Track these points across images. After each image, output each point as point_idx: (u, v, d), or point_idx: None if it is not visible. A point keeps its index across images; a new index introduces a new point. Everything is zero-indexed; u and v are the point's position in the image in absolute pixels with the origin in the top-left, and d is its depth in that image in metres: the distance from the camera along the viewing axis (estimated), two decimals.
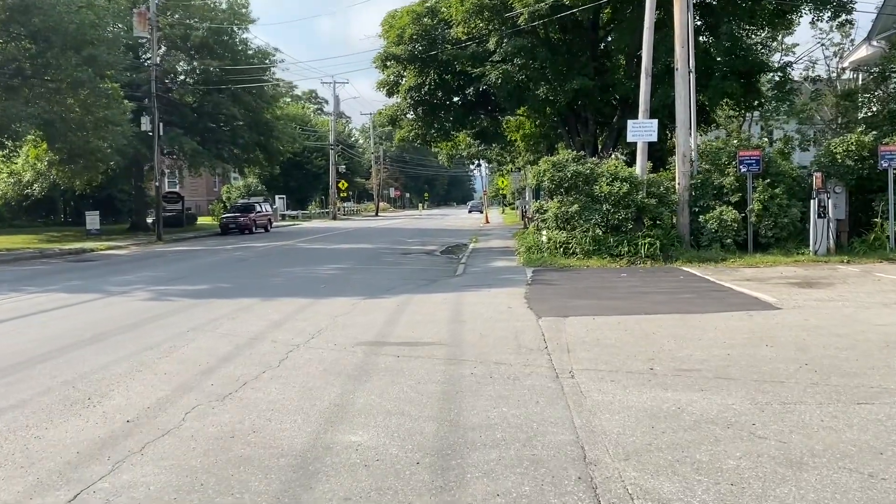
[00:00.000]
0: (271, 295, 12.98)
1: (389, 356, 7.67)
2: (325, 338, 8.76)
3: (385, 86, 24.98)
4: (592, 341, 8.13)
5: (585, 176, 17.13)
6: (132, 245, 30.28)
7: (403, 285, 14.22)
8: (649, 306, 10.51)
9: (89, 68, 25.01)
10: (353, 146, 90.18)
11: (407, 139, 26.74)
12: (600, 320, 9.45)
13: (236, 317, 10.54)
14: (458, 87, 24.38)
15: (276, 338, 8.85)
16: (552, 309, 10.51)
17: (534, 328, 9.07)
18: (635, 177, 17.13)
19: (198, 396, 6.28)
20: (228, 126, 39.33)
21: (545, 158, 17.91)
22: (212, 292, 13.61)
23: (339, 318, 10.24)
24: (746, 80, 21.11)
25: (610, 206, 16.68)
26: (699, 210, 17.35)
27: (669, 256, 16.45)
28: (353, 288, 13.91)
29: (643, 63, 17.67)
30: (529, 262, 16.98)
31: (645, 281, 13.59)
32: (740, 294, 11.58)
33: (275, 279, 15.78)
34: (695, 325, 8.92)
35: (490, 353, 7.71)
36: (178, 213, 46.28)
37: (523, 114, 25.87)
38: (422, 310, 10.85)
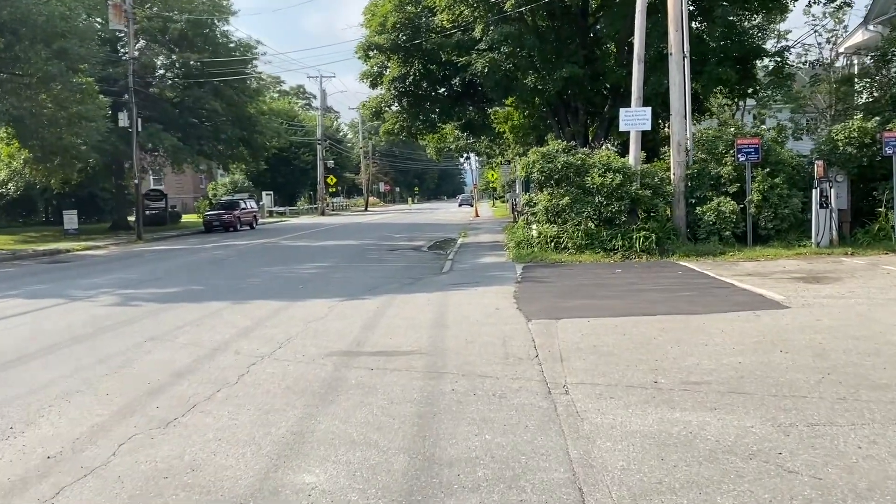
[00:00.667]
0: (245, 298, 12.17)
1: (362, 369, 6.88)
2: (294, 347, 7.96)
3: (368, 77, 24.08)
4: (588, 348, 7.36)
5: (576, 167, 16.36)
6: (111, 245, 29.34)
7: (387, 284, 13.43)
8: (647, 306, 9.75)
9: (61, 62, 24.01)
10: (341, 141, 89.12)
11: (392, 132, 25.86)
12: (595, 323, 8.68)
13: (202, 323, 9.72)
14: (444, 78, 23.53)
15: (240, 348, 8.05)
16: (543, 310, 9.74)
17: (523, 332, 8.30)
18: (629, 167, 16.37)
19: (138, 423, 5.48)
20: (210, 121, 38.33)
21: (534, 149, 17.12)
22: (182, 296, 12.78)
23: (313, 323, 9.44)
24: (742, 65, 20.37)
25: (602, 198, 15.93)
26: (696, 201, 16.61)
27: (666, 250, 15.71)
28: (333, 288, 13.11)
29: (635, 49, 16.90)
30: (519, 257, 16.22)
31: (641, 277, 12.83)
32: (744, 291, 10.85)
33: (251, 280, 14.95)
34: (699, 328, 8.17)
35: (475, 362, 6.94)
36: (161, 210, 45.38)
37: (511, 104, 25.06)
38: (403, 312, 10.06)
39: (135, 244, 30.04)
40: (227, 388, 6.38)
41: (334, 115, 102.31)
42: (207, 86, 36.70)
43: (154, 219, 44.21)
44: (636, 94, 16.76)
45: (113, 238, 32.76)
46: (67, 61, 24.41)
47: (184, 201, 70.65)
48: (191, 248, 26.08)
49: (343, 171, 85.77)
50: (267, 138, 42.16)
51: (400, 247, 23.37)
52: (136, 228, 32.98)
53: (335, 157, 77.07)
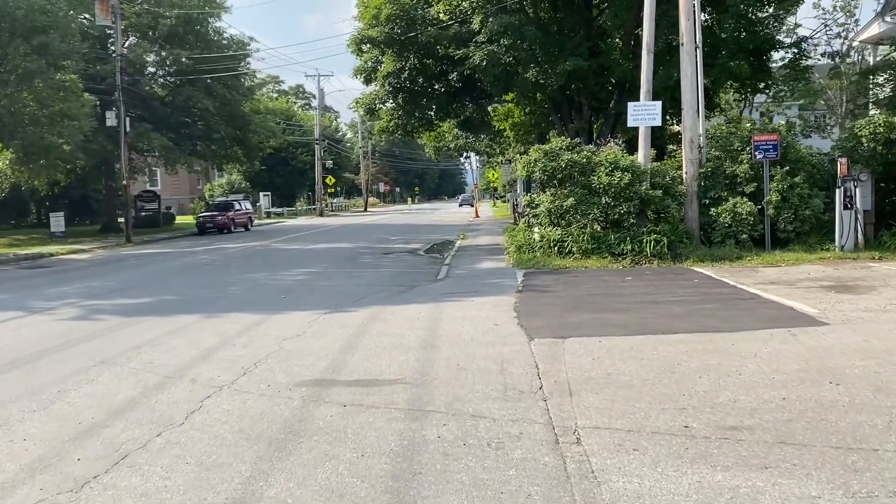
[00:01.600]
0: (220, 310, 11.09)
1: (334, 405, 5.80)
2: (261, 374, 6.88)
3: (362, 72, 22.96)
4: (601, 377, 6.28)
5: (582, 165, 15.27)
6: (97, 248, 28.27)
7: (376, 293, 12.36)
8: (666, 322, 8.66)
9: (41, 58, 22.94)
10: (339, 141, 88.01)
11: (387, 130, 24.73)
12: (608, 343, 7.59)
13: (163, 342, 8.64)
14: (441, 73, 22.40)
15: (198, 375, 6.97)
16: (547, 326, 8.65)
17: (525, 355, 7.22)
18: (638, 166, 15.27)
19: (47, 483, 4.40)
20: (203, 121, 37.21)
21: (536, 147, 16.03)
22: (152, 307, 11.70)
23: (288, 342, 8.36)
24: (756, 58, 19.26)
25: (610, 198, 14.83)
26: (710, 202, 15.52)
27: (678, 255, 14.62)
28: (318, 298, 12.04)
29: (644, 39, 15.81)
30: (520, 262, 15.13)
31: (654, 286, 11.74)
32: (771, 303, 9.75)
33: (231, 289, 13.87)
34: (728, 350, 7.07)
35: (467, 396, 5.85)
36: (154, 212, 44.28)
37: (512, 100, 23.95)
38: (390, 328, 8.98)
39: (122, 247, 28.96)
40: (169, 431, 5.30)
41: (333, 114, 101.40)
42: (199, 84, 35.60)
43: (147, 220, 43.14)
44: (645, 87, 15.67)
45: (101, 241, 31.67)
46: (48, 57, 23.35)
47: (180, 202, 69.60)
48: (179, 251, 25.01)
49: (342, 171, 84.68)
50: (262, 138, 41.03)
51: (395, 250, 22.29)
52: (125, 231, 31.86)
53: (334, 157, 75.97)
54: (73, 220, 48.43)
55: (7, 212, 46.75)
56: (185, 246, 28.05)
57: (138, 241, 31.51)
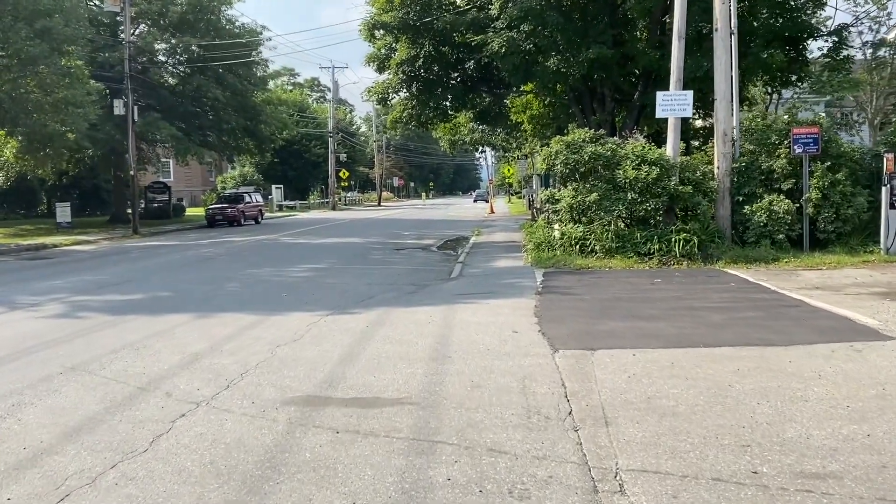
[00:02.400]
0: (214, 309, 10.25)
1: (325, 431, 4.90)
2: (246, 388, 6.01)
3: (374, 60, 22.02)
4: (640, 401, 5.34)
5: (606, 158, 14.29)
6: (103, 239, 27.62)
7: (384, 293, 11.47)
8: (707, 332, 7.69)
9: (43, 42, 22.21)
10: (354, 134, 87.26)
11: (400, 120, 23.78)
12: (643, 357, 6.65)
13: (146, 346, 7.79)
14: (457, 61, 21.40)
15: (175, 387, 6.11)
16: (573, 335, 7.71)
17: (549, 370, 6.30)
18: (666, 159, 14.26)
19: None
20: (213, 110, 36.45)
21: (557, 138, 15.04)
22: (142, 305, 10.87)
23: (283, 348, 7.48)
24: (792, 47, 18.14)
25: (636, 194, 13.84)
26: (743, 199, 14.49)
27: (709, 256, 13.61)
28: (321, 297, 11.17)
29: (675, 24, 14.78)
30: (539, 261, 14.18)
31: (687, 289, 10.76)
32: (821, 312, 8.75)
33: (231, 285, 13.02)
34: (785, 370, 6.11)
35: (483, 423, 4.94)
36: (164, 203, 43.68)
37: (531, 90, 22.92)
38: (397, 334, 8.08)
39: (129, 239, 28.29)
40: (128, 462, 4.43)
41: (348, 107, 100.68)
42: (210, 73, 34.85)
43: (157, 212, 42.56)
44: (675, 75, 14.64)
45: (108, 232, 31.04)
46: (51, 42, 22.60)
47: (192, 194, 69.17)
48: (184, 244, 24.25)
49: (356, 165, 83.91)
50: (273, 129, 40.22)
51: (407, 246, 21.39)
52: (133, 222, 31.18)
53: (348, 150, 75.18)
54: (85, 211, 47.97)
55: (17, 202, 46.31)
56: (192, 238, 27.32)
57: (146, 233, 30.83)
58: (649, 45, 19.25)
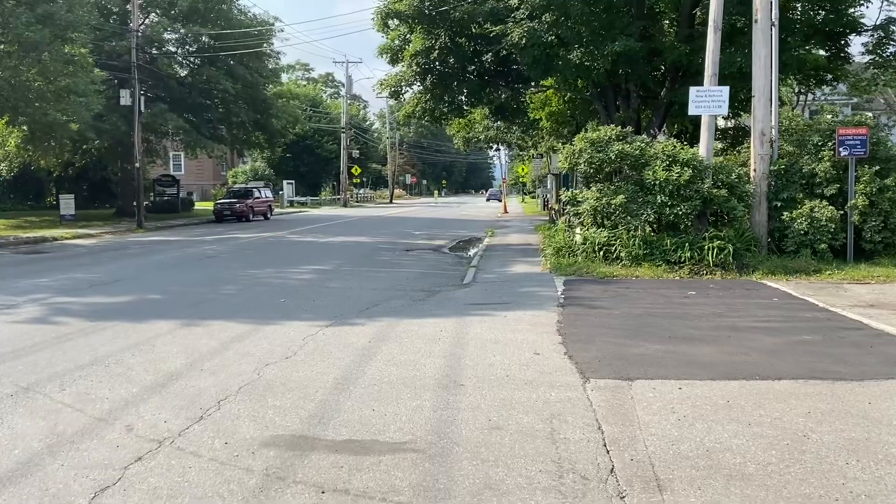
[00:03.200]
0: (203, 315, 9.32)
1: (308, 489, 3.93)
2: (221, 421, 5.06)
3: (388, 52, 21.02)
4: (698, 455, 4.33)
5: (634, 158, 13.24)
6: (106, 233, 26.84)
7: (391, 300, 10.52)
8: (760, 360, 6.66)
9: (45, 28, 21.39)
10: (367, 130, 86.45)
11: (413, 115, 22.74)
12: (691, 392, 5.64)
13: (118, 361, 6.86)
14: (474, 53, 20.35)
15: (139, 417, 5.17)
16: (604, 359, 6.71)
17: (581, 407, 5.30)
18: (699, 160, 13.20)
19: None
20: (223, 103, 35.61)
21: (581, 135, 13.99)
22: (127, 309, 9.95)
23: (271, 367, 6.54)
24: (833, 43, 16.99)
25: (666, 197, 12.78)
26: (782, 205, 13.40)
27: (744, 265, 12.54)
28: (323, 304, 10.22)
29: (711, 14, 13.70)
30: (559, 268, 13.15)
31: (726, 304, 9.70)
32: (887, 336, 7.68)
33: (227, 288, 12.09)
34: (868, 413, 5.07)
35: (504, 484, 3.96)
36: (173, 197, 42.98)
37: (551, 85, 21.85)
38: (402, 353, 7.10)
39: (133, 233, 27.53)
40: None
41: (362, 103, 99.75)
42: (220, 64, 34.03)
43: (165, 206, 41.86)
44: (710, 70, 13.56)
45: (112, 226, 30.27)
46: (52, 28, 21.77)
47: (203, 188, 68.54)
48: (188, 240, 23.41)
49: (369, 161, 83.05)
50: (284, 123, 39.35)
51: (418, 246, 20.42)
52: (137, 216, 30.38)
53: (360, 146, 74.32)
54: (94, 203, 47.27)
55: (25, 193, 45.70)
56: (197, 234, 26.49)
57: (150, 227, 30.06)
58: (678, 39, 18.17)
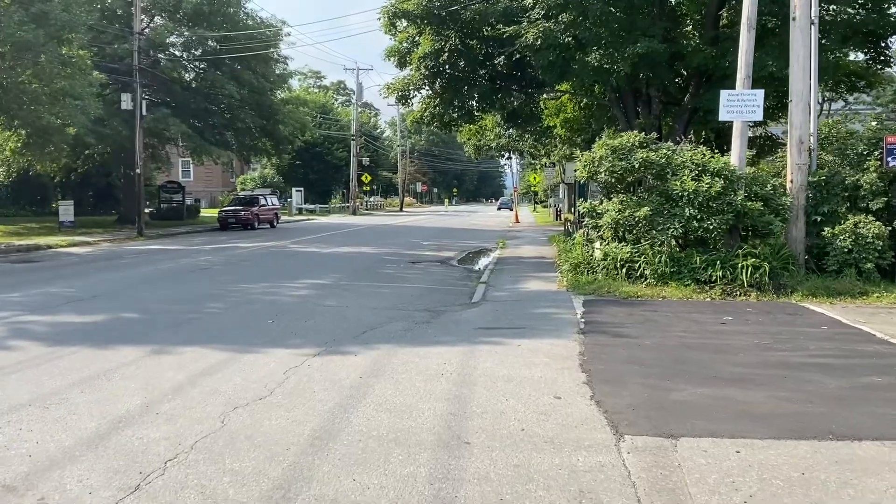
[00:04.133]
0: (178, 340, 8.26)
1: None
2: (160, 495, 3.98)
3: (395, 54, 19.97)
4: None
5: (659, 167, 12.12)
6: (104, 241, 25.98)
7: (391, 322, 9.44)
8: (826, 408, 5.51)
9: (39, 28, 20.54)
10: (377, 138, 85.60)
11: (421, 120, 21.63)
12: (755, 459, 4.50)
13: (62, 400, 5.81)
14: (486, 56, 19.28)
15: (60, 486, 4.11)
16: (640, 408, 5.58)
17: (618, 482, 4.18)
18: (731, 170, 12.05)
19: None
20: (228, 108, 34.74)
21: (602, 142, 12.87)
22: (95, 331, 8.91)
23: (240, 412, 5.47)
24: (874, 45, 15.82)
25: (695, 210, 11.64)
26: (822, 219, 12.23)
27: (781, 286, 11.37)
28: (314, 325, 9.16)
29: (744, 12, 12.57)
30: (577, 286, 12.02)
31: (769, 332, 8.54)
32: None
33: (212, 305, 11.04)
34: None
35: None
36: (178, 204, 42.20)
37: (567, 90, 20.76)
38: (397, 395, 6.01)
39: (132, 241, 26.63)
40: None
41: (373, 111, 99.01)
42: (226, 69, 33.17)
43: (170, 213, 41.09)
44: (744, 72, 12.42)
45: (112, 233, 29.41)
46: (48, 28, 20.91)
47: (212, 195, 67.90)
48: (186, 249, 22.44)
49: (379, 169, 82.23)
50: (291, 130, 38.45)
51: (424, 258, 19.34)
52: (137, 223, 29.51)
53: (371, 154, 73.49)
54: (99, 210, 46.57)
55: (28, 199, 45.06)
56: (197, 243, 25.52)
57: (151, 235, 29.19)
58: (703, 42, 17.06)
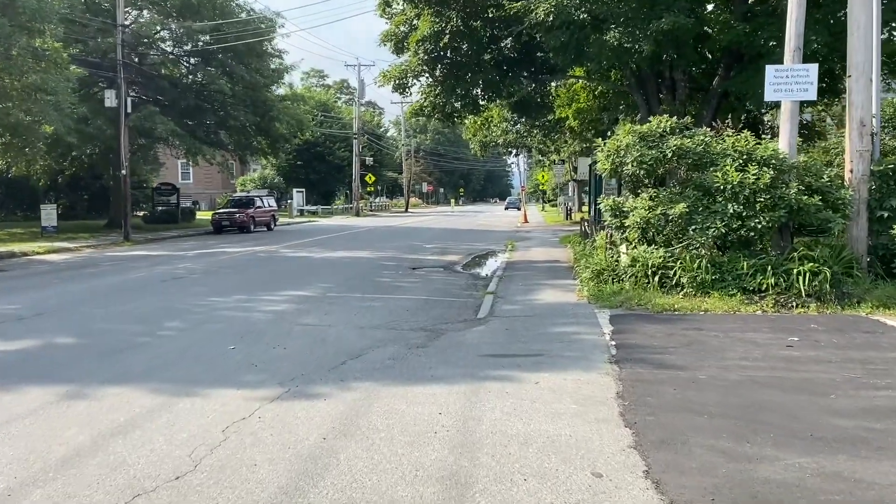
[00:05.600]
0: (108, 375, 6.55)
1: None
2: None
3: (391, 39, 18.17)
4: None
5: (697, 156, 10.31)
6: (87, 247, 24.34)
7: (378, 347, 7.70)
8: None
9: (4, 17, 18.88)
10: (381, 137, 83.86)
11: (421, 112, 19.75)
12: None
13: None
14: (491, 39, 17.44)
15: None
16: (720, 492, 3.79)
17: None
18: (783, 158, 10.24)
19: None
20: (221, 105, 32.99)
21: (628, 128, 11.07)
22: (10, 363, 7.20)
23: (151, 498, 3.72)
24: None
25: (739, 206, 9.84)
26: (889, 215, 10.42)
27: (844, 295, 9.56)
28: (284, 353, 7.43)
29: None
30: (600, 297, 10.23)
31: (853, 358, 6.72)
32: None
33: (169, 326, 9.31)
34: None
35: None
36: (172, 207, 40.59)
37: (582, 74, 18.95)
38: (369, 472, 4.25)
39: (117, 246, 25.02)
40: None
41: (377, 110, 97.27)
42: (216, 64, 31.46)
43: (164, 216, 39.48)
44: (793, 42, 10.60)
45: (98, 238, 27.77)
46: (15, 18, 19.25)
47: (212, 197, 66.33)
48: (169, 255, 20.74)
49: (384, 169, 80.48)
50: (289, 128, 36.70)
51: (426, 263, 17.57)
52: (124, 228, 27.88)
53: (374, 153, 71.72)
54: (92, 213, 44.99)
55: (18, 202, 43.46)
56: (184, 248, 23.84)
57: (139, 240, 27.55)
58: (735, 17, 15.24)
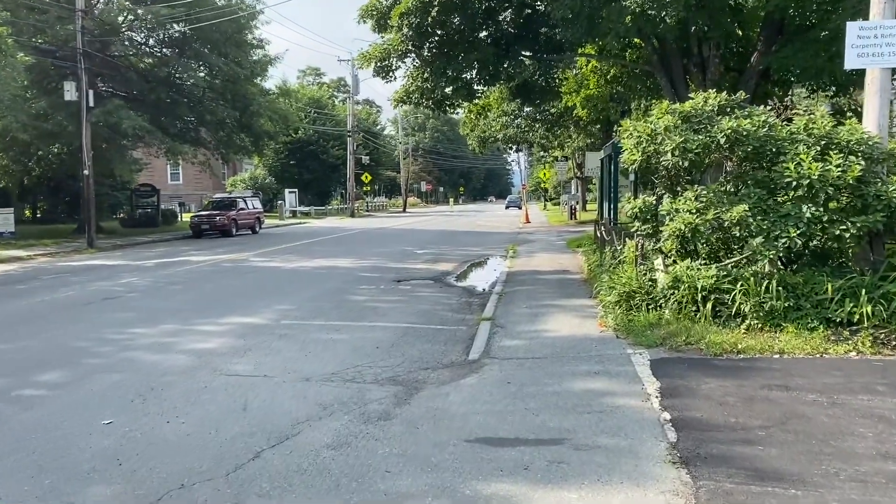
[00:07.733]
0: None
1: None
2: None
3: (372, 15, 15.57)
4: None
5: (758, 141, 7.78)
6: (42, 255, 21.94)
7: (321, 419, 5.26)
8: None
9: None
10: (378, 135, 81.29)
11: (407, 99, 17.02)
12: None
13: None
14: (487, 12, 14.83)
15: None
16: None
17: None
18: (875, 144, 7.71)
19: None
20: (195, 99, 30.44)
21: (665, 106, 8.52)
22: None
23: None
24: None
25: (818, 207, 7.31)
26: None
27: None
28: (180, 430, 4.92)
29: None
30: (632, 329, 7.70)
31: None
32: None
33: (46, 377, 6.80)
34: None
35: None
36: (152, 209, 38.20)
37: (593, 53, 16.39)
38: None
39: (78, 254, 22.66)
40: None
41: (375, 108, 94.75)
42: (190, 53, 28.93)
43: (143, 219, 37.13)
44: None
45: (62, 244, 25.35)
46: None
47: (202, 198, 63.82)
48: (125, 265, 18.26)
49: (382, 168, 77.94)
50: (273, 124, 34.17)
51: (414, 274, 15.06)
52: (87, 233, 25.45)
53: (370, 151, 69.13)
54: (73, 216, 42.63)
55: None
56: (149, 256, 21.35)
57: (105, 247, 25.19)
58: None
